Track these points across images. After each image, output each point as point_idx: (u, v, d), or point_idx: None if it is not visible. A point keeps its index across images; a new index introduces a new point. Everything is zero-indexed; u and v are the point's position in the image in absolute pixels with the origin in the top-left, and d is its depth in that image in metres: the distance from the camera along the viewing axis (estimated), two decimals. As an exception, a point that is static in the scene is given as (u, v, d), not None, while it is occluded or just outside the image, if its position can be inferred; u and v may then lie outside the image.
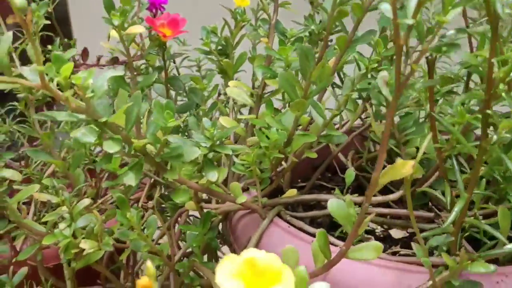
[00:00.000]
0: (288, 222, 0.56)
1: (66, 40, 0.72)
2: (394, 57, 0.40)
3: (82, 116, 0.41)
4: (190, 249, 0.64)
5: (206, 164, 0.50)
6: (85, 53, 0.71)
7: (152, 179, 0.69)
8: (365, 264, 0.49)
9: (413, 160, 0.38)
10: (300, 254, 0.40)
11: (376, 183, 0.39)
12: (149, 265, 0.35)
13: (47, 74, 0.37)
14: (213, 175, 0.50)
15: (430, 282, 0.43)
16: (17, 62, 0.48)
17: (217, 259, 0.68)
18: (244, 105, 0.64)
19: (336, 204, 0.42)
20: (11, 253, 0.66)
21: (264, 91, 0.62)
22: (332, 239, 0.52)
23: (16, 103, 0.64)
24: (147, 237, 0.59)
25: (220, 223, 0.66)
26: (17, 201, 0.58)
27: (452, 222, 0.41)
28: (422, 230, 0.53)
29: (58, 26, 0.72)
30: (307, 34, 0.57)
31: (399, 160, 0.38)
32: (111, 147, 0.42)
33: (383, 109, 0.63)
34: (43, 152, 0.63)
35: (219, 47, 0.68)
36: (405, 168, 0.38)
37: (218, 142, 0.49)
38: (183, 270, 0.64)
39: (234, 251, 0.63)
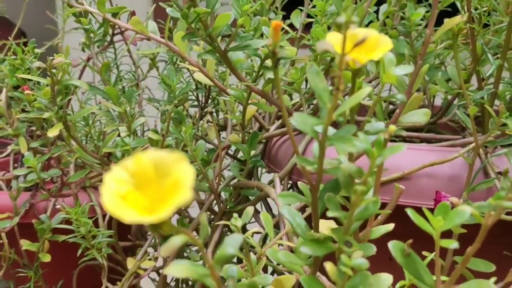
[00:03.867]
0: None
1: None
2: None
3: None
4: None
5: (264, 68, 0.57)
6: (132, 14, 0.79)
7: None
8: (411, 149, 0.55)
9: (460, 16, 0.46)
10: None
11: (429, 38, 0.46)
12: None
13: None
14: (271, 74, 0.56)
15: (473, 145, 0.49)
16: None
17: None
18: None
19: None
20: (60, 182, 0.69)
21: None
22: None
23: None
24: (196, 155, 0.63)
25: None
26: (80, 115, 0.62)
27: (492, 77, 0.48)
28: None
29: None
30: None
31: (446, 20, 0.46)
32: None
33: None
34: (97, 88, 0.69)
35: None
36: (453, 21, 0.45)
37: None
38: (227, 194, 0.67)
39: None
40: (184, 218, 0.70)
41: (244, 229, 0.74)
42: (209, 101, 0.81)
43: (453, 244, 0.31)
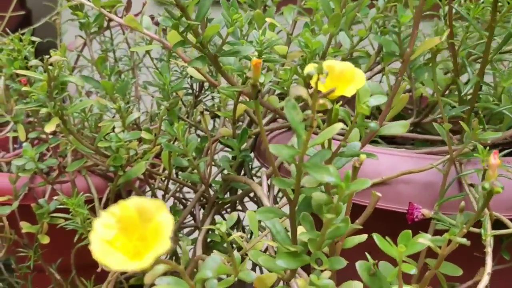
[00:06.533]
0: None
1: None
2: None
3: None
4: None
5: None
6: (129, 4, 0.80)
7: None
8: (390, 155, 0.57)
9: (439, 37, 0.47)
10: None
11: (409, 57, 0.48)
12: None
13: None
14: (261, 78, 0.58)
15: (448, 156, 0.52)
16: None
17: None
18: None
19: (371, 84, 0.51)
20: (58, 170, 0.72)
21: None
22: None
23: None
24: (188, 150, 0.66)
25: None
26: (74, 110, 0.64)
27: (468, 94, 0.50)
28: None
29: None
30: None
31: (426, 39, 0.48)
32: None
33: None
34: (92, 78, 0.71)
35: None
36: (433, 41, 0.47)
37: (266, 49, 0.58)
38: (217, 186, 0.70)
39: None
40: (177, 205, 0.74)
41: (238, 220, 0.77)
42: (203, 90, 0.83)
43: (412, 270, 0.34)
